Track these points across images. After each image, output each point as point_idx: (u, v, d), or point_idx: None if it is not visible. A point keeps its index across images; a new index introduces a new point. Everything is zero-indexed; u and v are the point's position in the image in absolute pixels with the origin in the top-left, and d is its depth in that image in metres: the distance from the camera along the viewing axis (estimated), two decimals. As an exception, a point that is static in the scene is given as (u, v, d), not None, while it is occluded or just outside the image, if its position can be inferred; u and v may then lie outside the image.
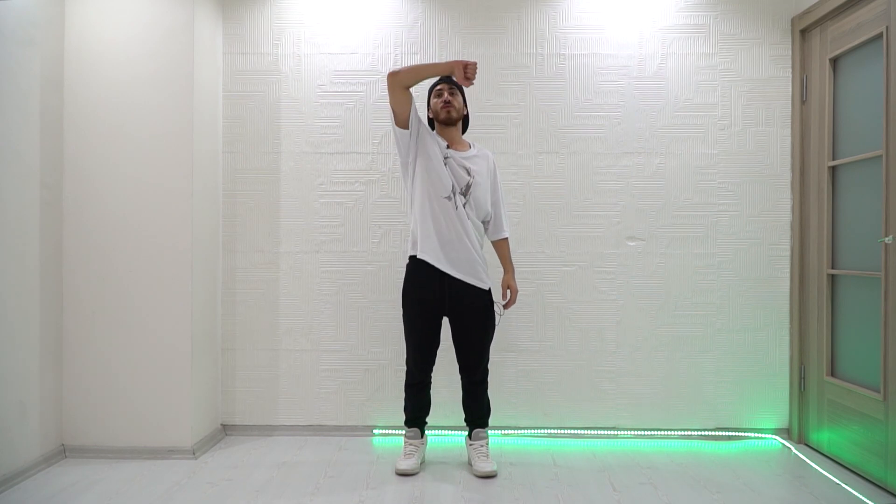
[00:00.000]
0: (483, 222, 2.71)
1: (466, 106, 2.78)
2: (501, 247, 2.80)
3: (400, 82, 2.51)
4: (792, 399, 3.10)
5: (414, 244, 2.63)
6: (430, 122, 2.76)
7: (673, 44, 3.14)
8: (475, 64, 2.50)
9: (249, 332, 3.19)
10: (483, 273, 2.63)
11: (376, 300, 3.17)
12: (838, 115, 2.85)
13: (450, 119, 2.65)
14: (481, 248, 2.67)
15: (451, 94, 2.66)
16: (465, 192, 2.61)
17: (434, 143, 2.62)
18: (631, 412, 3.15)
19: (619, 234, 3.15)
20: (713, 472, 2.70)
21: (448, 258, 2.57)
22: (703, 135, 3.14)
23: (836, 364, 2.86)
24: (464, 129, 2.79)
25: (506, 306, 2.78)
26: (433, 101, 2.70)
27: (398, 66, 2.94)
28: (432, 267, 2.58)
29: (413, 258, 2.63)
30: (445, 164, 2.60)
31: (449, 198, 2.58)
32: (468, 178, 2.61)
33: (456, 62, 2.48)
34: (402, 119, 2.57)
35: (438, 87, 2.69)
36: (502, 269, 2.81)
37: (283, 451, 2.92)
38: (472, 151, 2.69)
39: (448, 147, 2.64)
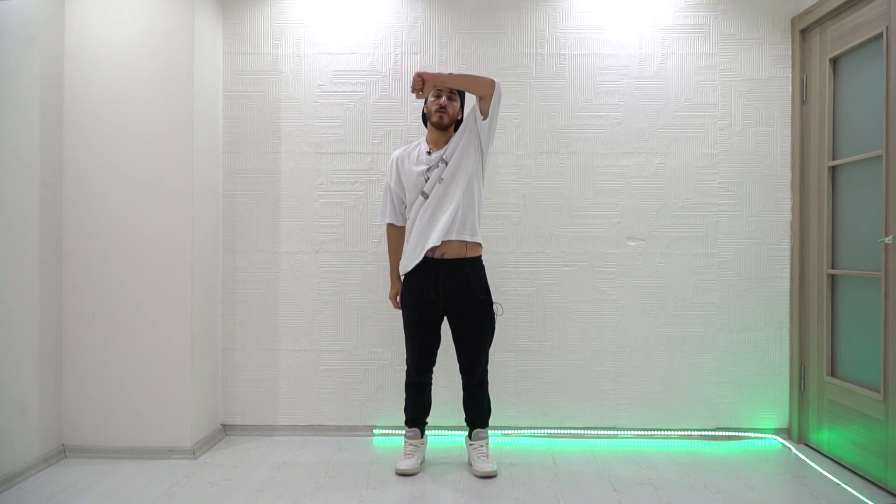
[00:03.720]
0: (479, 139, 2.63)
1: (462, 111, 2.72)
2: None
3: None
4: (792, 399, 3.10)
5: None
6: (424, 117, 2.73)
7: (673, 44, 3.14)
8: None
9: (249, 332, 3.19)
10: (469, 227, 2.58)
11: (376, 300, 3.17)
12: (838, 115, 2.84)
13: (441, 124, 2.62)
14: (469, 208, 2.59)
15: (450, 98, 2.62)
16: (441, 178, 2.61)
17: (410, 170, 2.65)
18: (631, 412, 3.15)
19: (619, 234, 3.15)
20: (713, 471, 2.70)
21: (428, 240, 2.56)
22: (703, 135, 3.13)
23: (836, 364, 2.86)
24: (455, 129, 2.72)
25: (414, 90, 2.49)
26: (430, 100, 2.65)
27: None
28: (431, 268, 2.58)
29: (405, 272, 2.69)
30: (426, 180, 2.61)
31: (422, 193, 2.61)
32: (444, 167, 2.59)
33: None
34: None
35: (439, 88, 2.64)
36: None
37: (283, 451, 2.92)
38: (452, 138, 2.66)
39: (431, 151, 2.63)
